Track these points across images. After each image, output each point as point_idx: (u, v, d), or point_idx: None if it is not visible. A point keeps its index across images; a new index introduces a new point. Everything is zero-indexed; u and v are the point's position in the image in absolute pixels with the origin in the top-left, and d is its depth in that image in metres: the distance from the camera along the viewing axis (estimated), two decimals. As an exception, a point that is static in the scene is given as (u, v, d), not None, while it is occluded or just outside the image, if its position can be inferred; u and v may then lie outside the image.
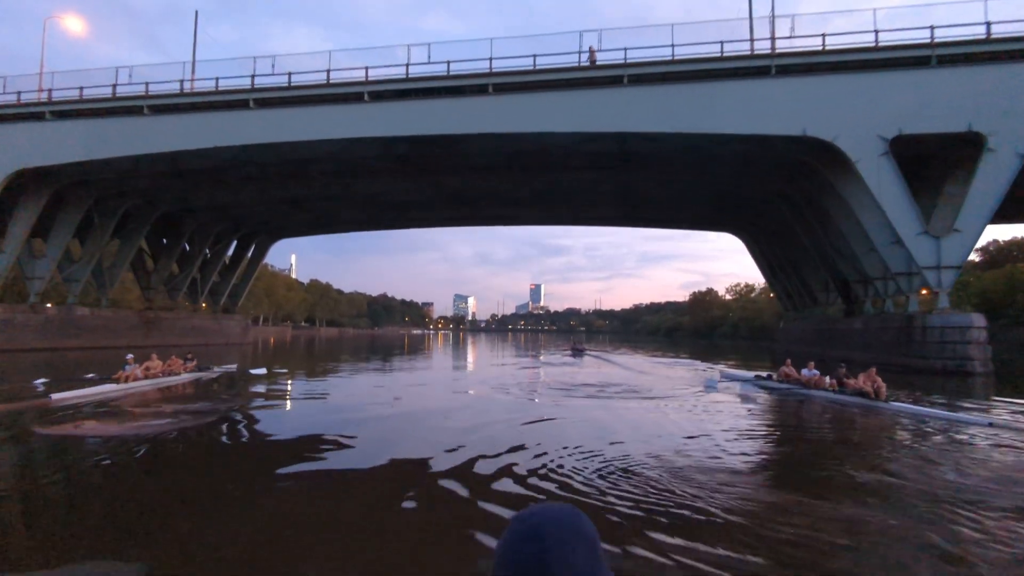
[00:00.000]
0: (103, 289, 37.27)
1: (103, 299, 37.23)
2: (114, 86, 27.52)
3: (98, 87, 27.68)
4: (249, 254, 48.29)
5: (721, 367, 23.21)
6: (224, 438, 8.60)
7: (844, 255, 27.69)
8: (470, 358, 38.06)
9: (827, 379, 13.51)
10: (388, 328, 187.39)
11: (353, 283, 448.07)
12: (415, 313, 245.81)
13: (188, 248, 42.57)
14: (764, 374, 16.34)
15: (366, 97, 24.91)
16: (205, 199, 35.81)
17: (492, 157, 27.91)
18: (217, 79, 26.47)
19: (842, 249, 27.57)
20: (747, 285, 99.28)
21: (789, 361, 15.77)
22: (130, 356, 14.78)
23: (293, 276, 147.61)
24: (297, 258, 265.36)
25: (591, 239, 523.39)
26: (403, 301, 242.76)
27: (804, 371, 14.45)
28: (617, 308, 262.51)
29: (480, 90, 24.13)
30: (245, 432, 9.24)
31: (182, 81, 26.96)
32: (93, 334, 34.83)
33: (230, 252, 47.11)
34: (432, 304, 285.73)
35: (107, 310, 36.75)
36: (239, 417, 10.36)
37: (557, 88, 23.61)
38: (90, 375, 14.97)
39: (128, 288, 47.39)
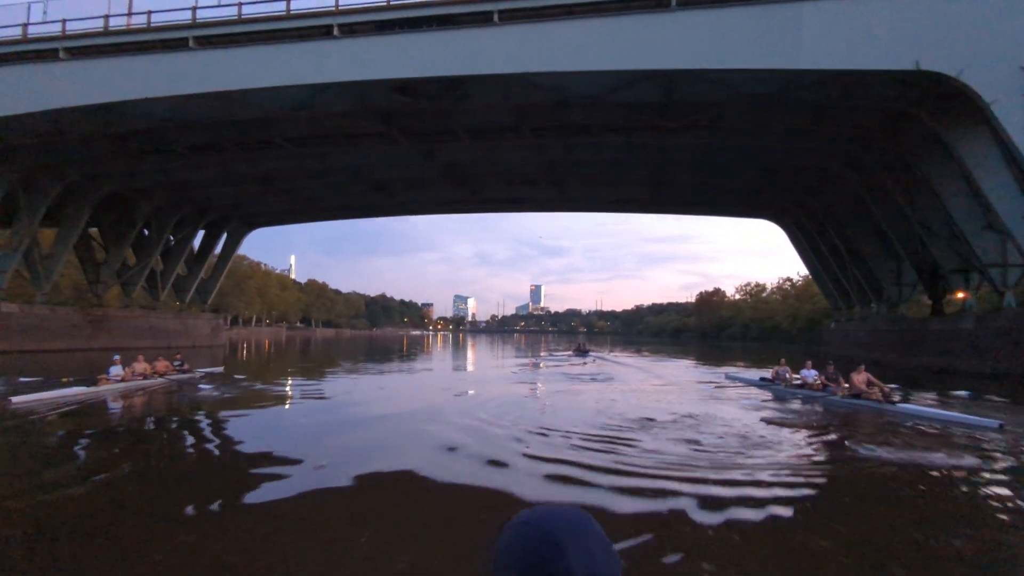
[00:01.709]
0: (39, 282, 31.72)
1: (39, 294, 31.68)
2: (24, 26, 22.02)
3: (5, 28, 22.20)
4: (220, 245, 42.77)
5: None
6: (186, 447, 8.20)
7: (940, 236, 22.05)
8: (470, 357, 36.47)
9: (821, 379, 13.58)
10: (387, 329, 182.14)
11: (353, 284, 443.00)
12: (414, 314, 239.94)
13: (147, 237, 37.04)
14: (770, 376, 15.77)
15: (336, 31, 19.37)
16: (156, 176, 30.24)
17: (496, 114, 22.40)
18: (149, 13, 20.98)
19: (936, 228, 21.96)
20: (758, 284, 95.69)
21: (783, 361, 16.01)
22: (117, 357, 14.07)
23: (292, 276, 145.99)
24: (296, 258, 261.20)
25: (591, 240, 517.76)
26: (402, 301, 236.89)
27: (804, 372, 14.49)
28: (618, 309, 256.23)
29: (482, 19, 18.56)
30: (202, 440, 8.71)
31: (107, 16, 21.44)
32: (23, 336, 29.29)
33: (197, 243, 41.56)
34: (432, 305, 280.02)
35: (43, 307, 31.20)
36: (203, 424, 9.82)
37: (584, 15, 18.02)
38: (66, 379, 14.07)
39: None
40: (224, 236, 42.73)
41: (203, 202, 36.40)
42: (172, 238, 38.56)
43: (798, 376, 14.54)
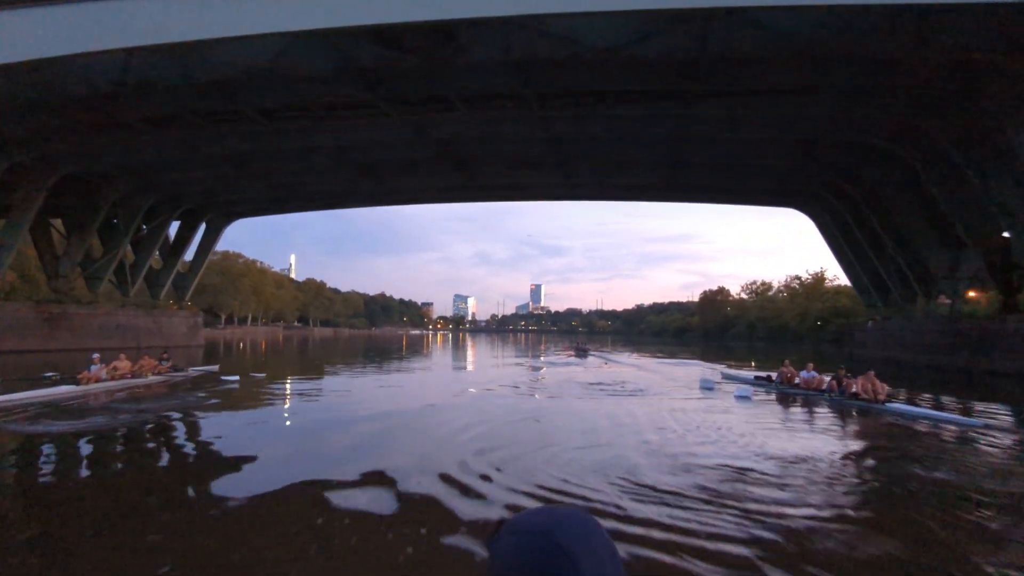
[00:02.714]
0: (-13, 275, 28.55)
1: (-14, 288, 28.54)
2: (-57, -29, 18.82)
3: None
4: (198, 237, 39.53)
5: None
6: (167, 448, 8.07)
7: (1018, 218, 18.77)
8: (469, 357, 35.18)
9: (826, 381, 13.56)
10: (386, 328, 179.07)
11: (353, 283, 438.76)
12: (414, 313, 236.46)
13: (114, 226, 33.81)
14: (764, 375, 15.96)
15: (305, -32, 16.19)
16: (116, 155, 27.06)
17: (496, 75, 19.19)
18: (86, -49, 17.76)
19: (1017, 208, 18.69)
20: (764, 283, 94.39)
21: (787, 361, 15.62)
22: (96, 355, 13.88)
23: (292, 275, 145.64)
24: (296, 258, 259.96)
25: (591, 240, 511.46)
26: (402, 301, 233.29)
27: (803, 373, 14.44)
28: (618, 308, 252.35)
29: (481, -50, 15.39)
30: (183, 441, 8.72)
31: (37, -42, 18.24)
32: (-35, 335, 26.20)
33: (172, 235, 38.37)
34: (432, 304, 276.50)
35: (-12, 302, 28.07)
36: (188, 425, 9.69)
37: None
38: (50, 374, 14.20)
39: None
40: (203, 228, 39.62)
41: (175, 188, 33.20)
42: (145, 227, 35.39)
43: (799, 377, 14.56)
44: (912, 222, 24.98)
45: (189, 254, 40.85)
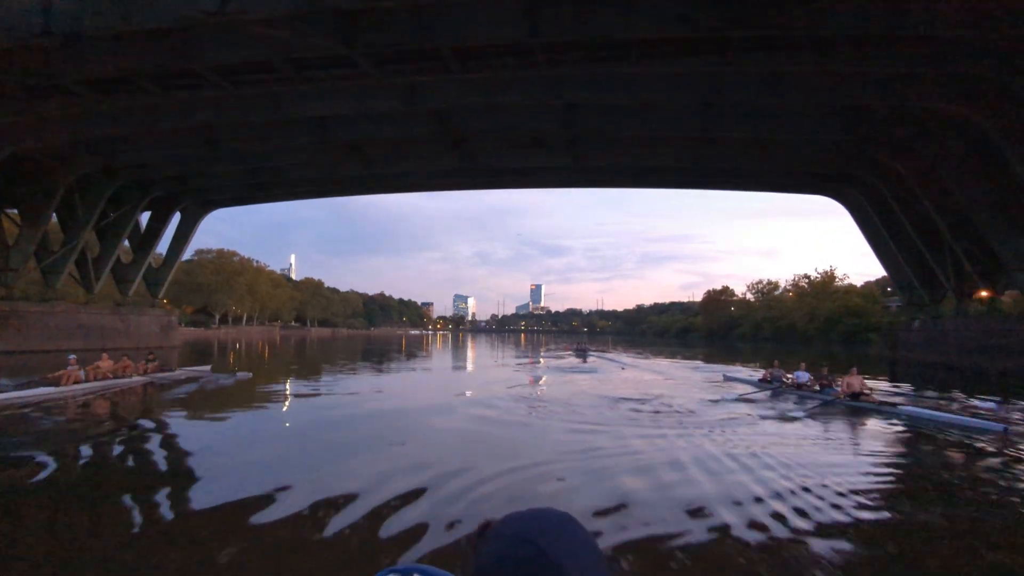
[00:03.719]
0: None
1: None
2: None
3: None
4: (172, 228, 36.22)
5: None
6: (136, 453, 7.93)
7: None
8: (469, 356, 34.40)
9: (817, 382, 13.54)
10: (384, 328, 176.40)
11: (353, 283, 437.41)
12: (413, 313, 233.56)
13: (75, 215, 30.52)
14: (768, 377, 15.67)
15: None
16: (66, 130, 23.72)
17: (497, 19, 15.82)
18: None
19: None
20: (770, 283, 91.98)
21: (776, 363, 16.18)
22: (72, 356, 13.41)
23: (292, 275, 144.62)
24: (296, 257, 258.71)
25: (591, 240, 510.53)
26: (401, 300, 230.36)
27: (797, 373, 14.48)
28: (619, 308, 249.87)
29: None
30: (155, 446, 8.39)
31: None
32: None
33: (143, 226, 35.09)
34: (432, 304, 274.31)
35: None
36: (160, 429, 9.38)
37: None
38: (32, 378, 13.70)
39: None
40: (177, 218, 36.37)
41: (141, 172, 29.86)
42: (111, 215, 32.08)
43: (790, 376, 14.59)
44: (977, 204, 21.57)
45: (163, 247, 37.70)
